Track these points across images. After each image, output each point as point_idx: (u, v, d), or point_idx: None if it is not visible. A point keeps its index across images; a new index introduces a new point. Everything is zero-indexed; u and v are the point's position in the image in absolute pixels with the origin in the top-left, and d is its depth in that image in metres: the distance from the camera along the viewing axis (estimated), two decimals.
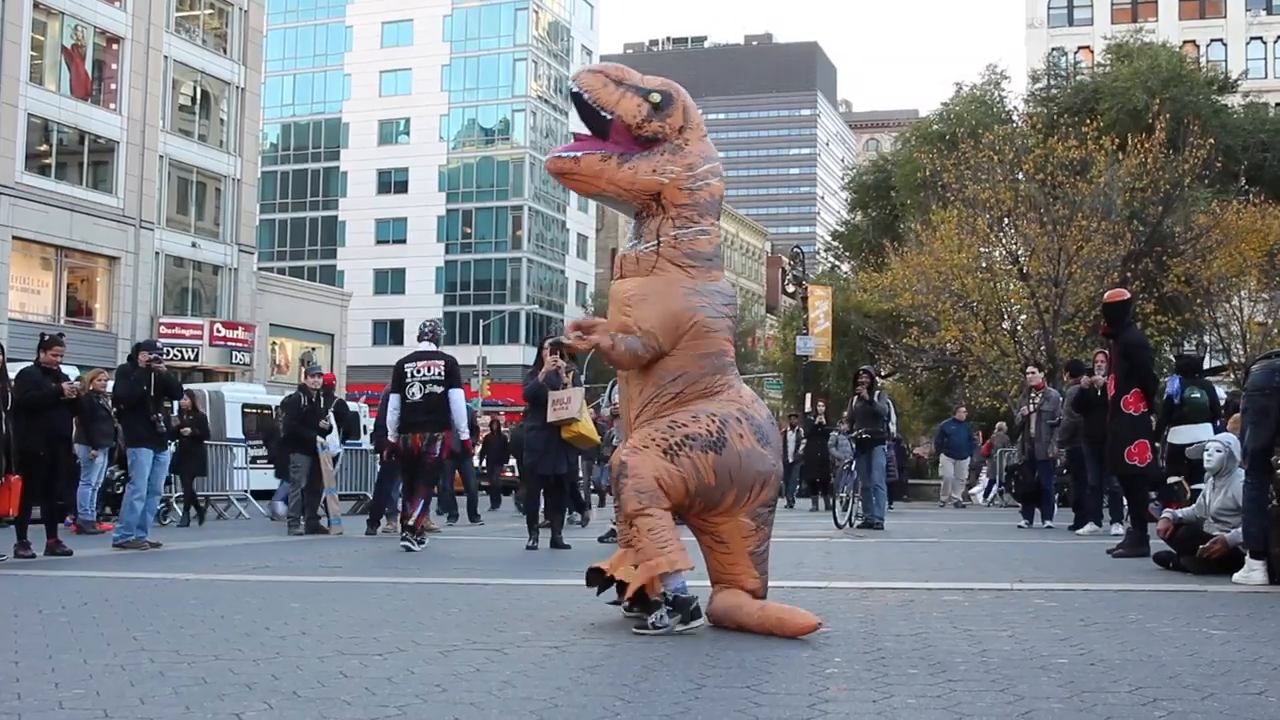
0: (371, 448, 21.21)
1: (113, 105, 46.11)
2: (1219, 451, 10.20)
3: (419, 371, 13.57)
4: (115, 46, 46.18)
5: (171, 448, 16.31)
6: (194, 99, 51.38)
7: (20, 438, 11.90)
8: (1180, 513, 10.69)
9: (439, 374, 13.54)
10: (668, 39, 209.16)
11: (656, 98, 6.53)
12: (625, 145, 6.47)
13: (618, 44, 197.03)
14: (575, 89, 6.55)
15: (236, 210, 52.07)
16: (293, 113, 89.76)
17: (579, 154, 6.47)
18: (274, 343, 57.41)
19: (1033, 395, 18.53)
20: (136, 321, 45.26)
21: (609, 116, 6.48)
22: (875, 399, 18.14)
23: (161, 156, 47.89)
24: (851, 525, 17.68)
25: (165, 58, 48.06)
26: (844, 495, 18.33)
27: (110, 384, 15.53)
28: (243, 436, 29.26)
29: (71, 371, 14.85)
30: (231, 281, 51.92)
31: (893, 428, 20.40)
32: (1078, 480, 17.49)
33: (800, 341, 41.26)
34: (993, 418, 35.52)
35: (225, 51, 52.00)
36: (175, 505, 20.64)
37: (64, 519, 14.97)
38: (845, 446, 18.97)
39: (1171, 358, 42.99)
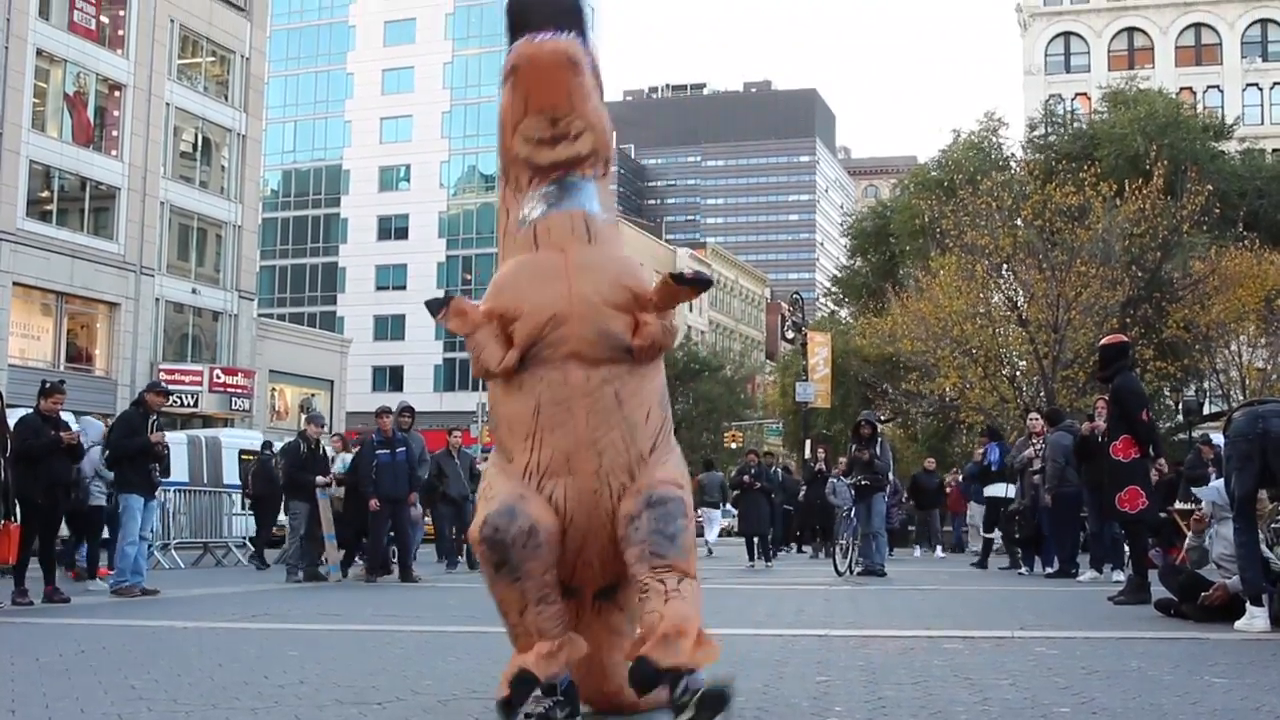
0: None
1: (114, 152, 46.28)
2: (1210, 501, 10.24)
3: None
4: (117, 93, 46.40)
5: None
6: (195, 146, 51.56)
7: (20, 485, 11.91)
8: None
9: None
10: (667, 86, 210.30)
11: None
12: None
13: (617, 91, 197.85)
14: None
15: (237, 256, 52.17)
16: (294, 159, 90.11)
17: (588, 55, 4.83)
18: (274, 389, 57.40)
19: (1034, 441, 18.55)
20: (136, 368, 45.26)
21: (589, 43, 4.91)
22: (877, 454, 18.07)
23: (162, 203, 48.01)
24: (852, 572, 17.63)
25: (167, 105, 48.26)
26: (843, 542, 18.29)
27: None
28: (240, 483, 29.20)
29: (70, 419, 14.85)
30: (231, 328, 51.95)
31: (891, 476, 20.47)
32: (1057, 525, 17.62)
33: (800, 388, 41.29)
34: None
35: (227, 99, 52.23)
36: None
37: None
38: (844, 493, 18.94)
39: (1171, 403, 43.15)
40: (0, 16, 40.58)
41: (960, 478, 28.24)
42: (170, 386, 45.57)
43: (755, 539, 22.37)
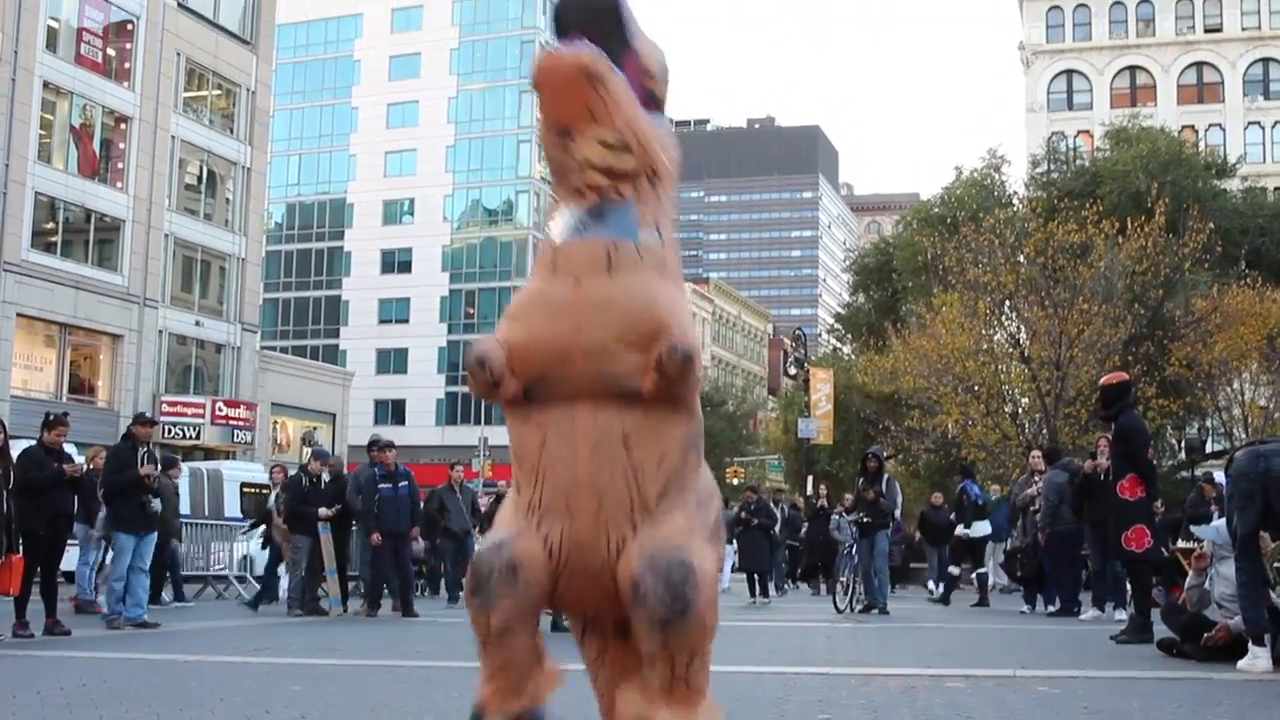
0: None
1: (119, 184, 46.42)
2: (1211, 540, 10.25)
3: None
4: (123, 126, 46.57)
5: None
6: (200, 178, 51.71)
7: (22, 518, 11.91)
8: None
9: None
10: (670, 121, 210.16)
11: (664, 57, 4.81)
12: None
13: None
14: None
15: (240, 289, 52.27)
16: (298, 192, 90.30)
17: (614, 68, 4.38)
18: (276, 422, 57.39)
19: (1035, 479, 18.56)
20: (139, 400, 45.28)
21: (633, 44, 4.56)
22: (883, 492, 18.03)
23: (167, 235, 48.14)
24: (853, 610, 17.60)
25: (172, 137, 48.44)
26: (845, 579, 18.26)
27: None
28: (241, 516, 29.19)
29: (73, 450, 14.87)
30: (234, 360, 52.00)
31: (898, 514, 20.49)
32: (1056, 564, 17.62)
33: (802, 424, 41.27)
34: None
35: (232, 132, 52.42)
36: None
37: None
38: (846, 529, 18.92)
39: (1173, 441, 43.13)
40: (8, 49, 40.80)
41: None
42: (172, 419, 46.05)
43: (756, 575, 22.37)
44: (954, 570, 22.48)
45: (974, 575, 22.51)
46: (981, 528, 21.99)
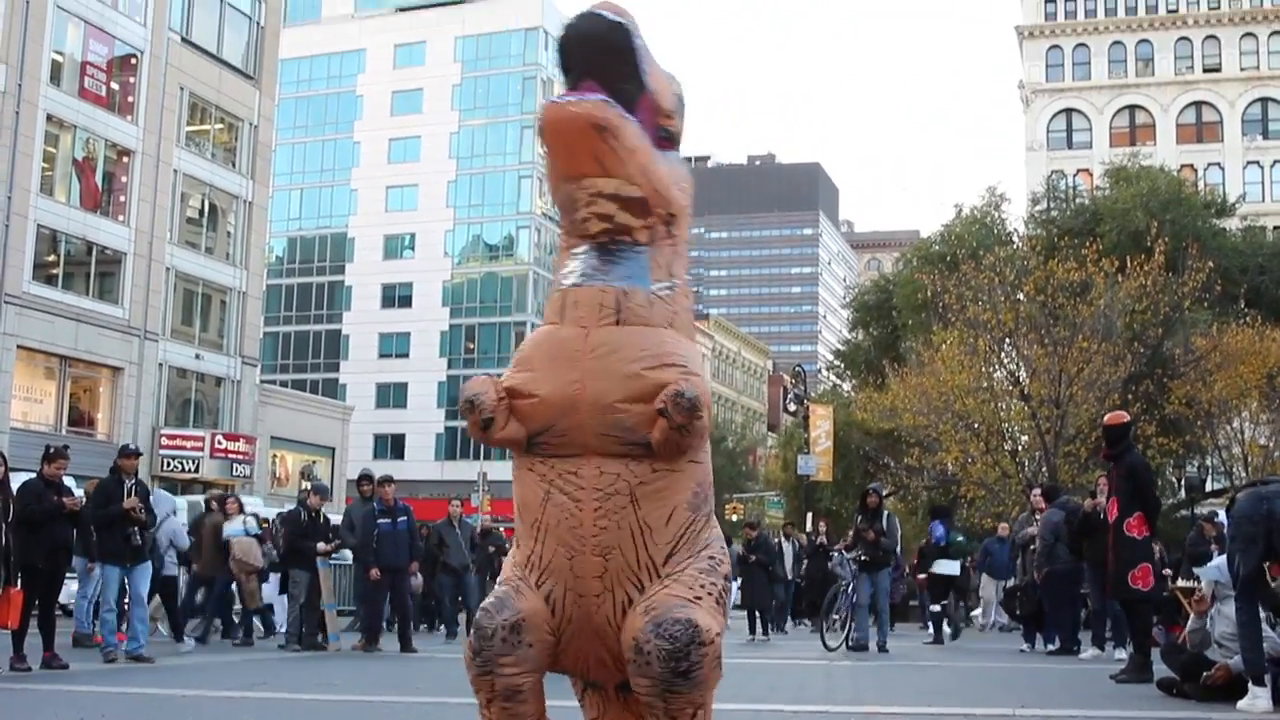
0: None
1: (121, 217, 46.47)
2: (1211, 580, 10.25)
3: None
4: (126, 159, 46.65)
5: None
6: (202, 212, 51.73)
7: (21, 550, 11.90)
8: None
9: None
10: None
11: (680, 88, 4.57)
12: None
13: None
14: (613, 18, 4.22)
15: (241, 323, 52.26)
16: (299, 226, 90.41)
17: (625, 114, 4.19)
18: (275, 455, 57.30)
19: (1035, 517, 18.55)
20: (138, 432, 45.21)
21: (647, 85, 4.35)
22: (883, 530, 17.95)
23: (168, 268, 48.16)
24: (847, 647, 17.55)
25: (175, 171, 48.48)
26: (840, 616, 18.19)
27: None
28: None
29: (72, 483, 14.85)
30: (234, 393, 51.96)
31: (898, 551, 20.47)
32: (1054, 603, 17.60)
33: (801, 461, 41.25)
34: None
35: (234, 166, 52.51)
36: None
37: None
38: (846, 566, 18.86)
39: (1174, 480, 43.12)
40: (12, 82, 40.95)
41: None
42: (172, 452, 46.00)
43: (757, 611, 22.32)
44: (935, 608, 22.43)
45: (931, 609, 22.41)
46: (949, 567, 21.92)
